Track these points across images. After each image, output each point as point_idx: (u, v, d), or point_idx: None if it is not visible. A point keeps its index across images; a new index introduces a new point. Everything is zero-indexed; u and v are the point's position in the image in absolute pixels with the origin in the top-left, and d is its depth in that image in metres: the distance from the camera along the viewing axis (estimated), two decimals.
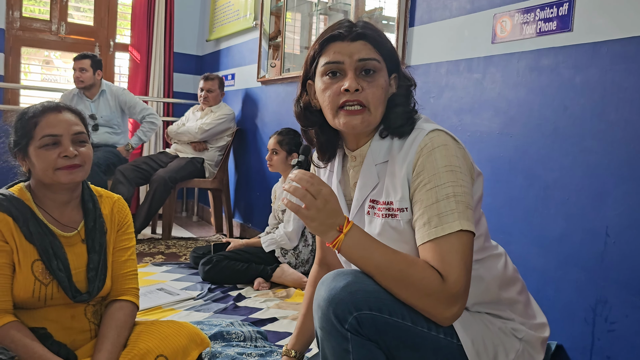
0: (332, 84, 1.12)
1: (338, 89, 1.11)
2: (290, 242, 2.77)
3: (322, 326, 1.02)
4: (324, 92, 1.14)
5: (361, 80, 1.11)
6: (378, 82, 1.12)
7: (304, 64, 1.21)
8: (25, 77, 4.34)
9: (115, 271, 1.40)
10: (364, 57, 1.11)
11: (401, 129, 1.13)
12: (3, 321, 1.20)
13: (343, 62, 1.11)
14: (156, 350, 1.29)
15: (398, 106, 1.15)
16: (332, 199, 1.02)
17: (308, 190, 1.01)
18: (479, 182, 1.15)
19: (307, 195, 1.00)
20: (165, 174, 3.55)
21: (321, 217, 1.01)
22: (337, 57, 1.11)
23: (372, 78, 1.11)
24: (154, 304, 2.29)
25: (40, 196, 1.33)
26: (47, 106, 1.32)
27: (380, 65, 1.13)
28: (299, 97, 1.24)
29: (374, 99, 1.11)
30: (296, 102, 1.25)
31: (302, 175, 1.02)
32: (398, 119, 1.13)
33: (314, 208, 1.00)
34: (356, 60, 1.11)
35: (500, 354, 1.11)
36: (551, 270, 1.70)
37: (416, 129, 1.12)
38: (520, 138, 1.81)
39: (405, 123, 1.13)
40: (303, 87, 1.23)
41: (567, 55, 1.66)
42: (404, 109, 1.15)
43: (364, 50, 1.11)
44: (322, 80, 1.14)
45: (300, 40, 3.40)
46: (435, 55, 2.17)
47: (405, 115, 1.14)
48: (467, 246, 1.02)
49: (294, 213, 1.02)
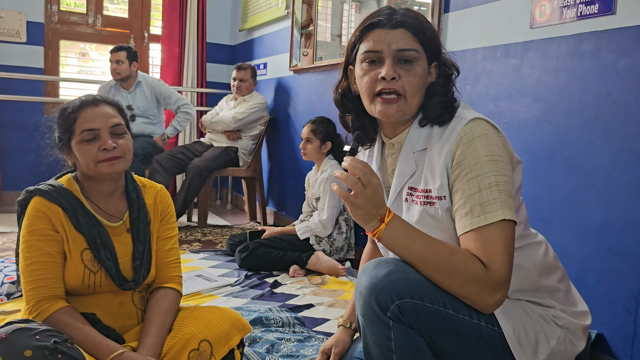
0: (369, 71, 1.13)
1: (375, 76, 1.12)
2: (325, 230, 2.80)
3: (364, 314, 1.04)
4: (362, 79, 1.15)
5: (398, 68, 1.11)
6: (415, 71, 1.11)
7: (345, 50, 1.22)
8: (62, 69, 4.46)
9: (159, 259, 1.44)
10: (402, 47, 1.11)
11: (441, 118, 1.13)
12: (57, 306, 1.25)
13: (381, 51, 1.12)
14: (200, 335, 1.32)
15: (435, 96, 1.15)
16: (380, 189, 1.03)
17: (360, 179, 1.02)
18: (519, 170, 1.14)
19: (358, 184, 1.01)
20: (200, 163, 3.61)
21: (367, 207, 1.02)
22: (376, 46, 1.12)
23: (410, 67, 1.11)
24: (194, 290, 2.35)
25: (86, 187, 1.38)
26: (84, 101, 1.35)
27: (418, 55, 1.12)
28: (338, 84, 1.26)
29: (411, 87, 1.11)
30: (335, 88, 1.26)
31: (356, 163, 1.03)
32: (436, 109, 1.13)
33: (362, 197, 1.01)
34: (394, 50, 1.11)
35: (541, 341, 1.11)
36: (592, 259, 1.67)
37: (456, 118, 1.12)
38: (560, 125, 1.78)
39: (444, 112, 1.13)
40: (344, 72, 1.25)
41: (609, 39, 1.62)
42: (442, 98, 1.14)
43: (402, 40, 1.11)
44: (361, 66, 1.15)
45: (332, 28, 3.40)
46: (471, 41, 2.14)
47: (442, 104, 1.14)
48: (510, 235, 1.02)
49: (343, 199, 1.03)
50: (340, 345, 1.38)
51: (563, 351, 1.14)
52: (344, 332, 1.42)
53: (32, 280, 1.25)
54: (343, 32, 3.27)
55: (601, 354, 1.63)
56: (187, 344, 1.30)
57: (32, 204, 1.30)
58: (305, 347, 1.75)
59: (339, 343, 1.39)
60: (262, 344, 1.74)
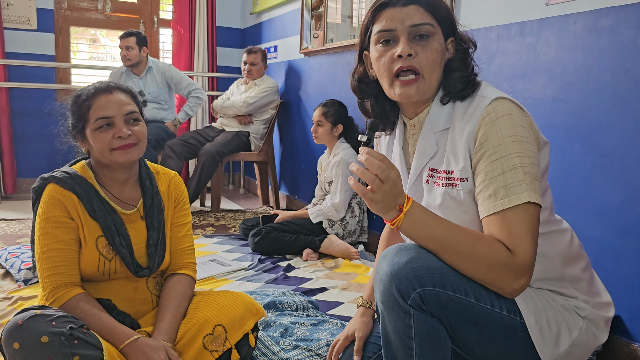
0: (385, 52, 1.11)
1: (392, 55, 1.10)
2: (338, 214, 2.79)
3: (384, 300, 1.02)
4: (379, 60, 1.13)
5: (414, 45, 1.08)
6: (432, 46, 1.09)
7: (359, 35, 1.20)
8: (74, 56, 4.46)
9: (173, 246, 1.45)
10: (417, 22, 1.08)
11: (463, 92, 1.10)
12: (73, 293, 1.26)
13: (395, 29, 1.09)
14: (214, 320, 1.33)
15: (455, 71, 1.12)
16: (398, 181, 1.00)
17: (378, 175, 0.98)
18: (545, 152, 1.11)
19: (375, 180, 0.98)
20: (212, 147, 3.61)
21: (386, 200, 0.99)
22: (389, 25, 1.10)
23: (426, 42, 1.09)
24: (208, 275, 2.36)
25: (100, 174, 1.38)
26: (98, 87, 1.35)
27: (434, 29, 1.09)
28: (354, 70, 1.23)
29: (428, 63, 1.09)
30: (352, 74, 1.24)
31: (373, 159, 0.99)
32: (457, 84, 1.10)
33: (380, 192, 0.99)
34: (408, 26, 1.08)
35: (563, 332, 1.08)
36: (609, 241, 1.65)
37: (478, 96, 1.09)
38: (576, 104, 1.74)
39: (466, 86, 1.10)
40: (360, 58, 1.22)
41: (629, 15, 1.57)
42: (462, 73, 1.11)
43: (416, 15, 1.08)
44: (376, 48, 1.13)
45: (342, 10, 3.35)
46: (484, 19, 2.09)
47: (463, 79, 1.11)
48: (535, 218, 0.99)
49: (360, 194, 1.00)
50: (363, 328, 1.33)
51: (585, 342, 1.12)
52: (365, 313, 1.37)
53: (48, 267, 1.27)
54: (354, 12, 3.22)
55: (618, 336, 1.62)
56: (202, 329, 1.31)
57: (47, 191, 1.31)
58: (319, 330, 1.75)
59: (362, 326, 1.33)
60: (276, 327, 1.75)
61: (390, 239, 1.44)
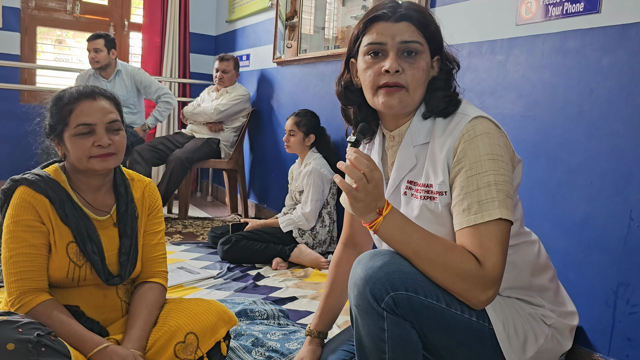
0: (373, 64, 1.13)
1: (379, 69, 1.12)
2: (308, 223, 2.80)
3: (359, 304, 1.04)
4: (365, 72, 1.15)
5: (402, 62, 1.11)
6: (419, 64, 1.12)
7: (348, 43, 1.22)
8: (39, 56, 4.35)
9: (145, 254, 1.43)
10: (407, 39, 1.11)
11: (445, 111, 1.14)
12: (40, 299, 1.23)
13: (385, 43, 1.11)
14: (186, 328, 1.31)
15: (438, 90, 1.15)
16: (381, 183, 1.03)
17: (365, 174, 1.01)
18: (519, 169, 1.15)
19: (363, 179, 1.00)
20: (182, 154, 3.57)
21: (368, 200, 1.02)
22: (380, 38, 1.12)
23: (414, 60, 1.11)
24: (176, 282, 2.33)
25: (74, 179, 1.35)
26: (82, 92, 1.32)
27: (422, 48, 1.12)
28: (340, 76, 1.25)
29: (414, 81, 1.12)
30: (337, 80, 1.26)
31: (362, 158, 1.02)
32: (440, 103, 1.14)
33: (364, 191, 1.01)
34: (399, 42, 1.11)
35: (529, 339, 1.13)
36: (573, 253, 1.71)
37: (459, 114, 1.12)
38: (544, 121, 1.80)
39: (449, 105, 1.14)
40: (346, 65, 1.24)
41: (594, 38, 1.64)
42: (445, 92, 1.15)
43: (407, 32, 1.11)
44: (364, 59, 1.15)
45: (316, 21, 3.38)
46: (457, 36, 2.15)
47: (446, 98, 1.14)
48: (505, 234, 1.03)
49: (344, 191, 1.02)
50: (310, 356, 1.40)
51: (550, 349, 1.16)
52: (312, 342, 1.44)
53: (16, 272, 1.23)
54: (327, 24, 3.26)
55: (580, 346, 1.67)
56: (173, 337, 1.29)
57: (18, 194, 1.27)
58: (290, 340, 1.75)
59: (309, 354, 1.41)
60: (247, 337, 1.73)
61: (342, 264, 1.46)
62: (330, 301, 1.45)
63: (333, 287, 1.45)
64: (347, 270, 1.41)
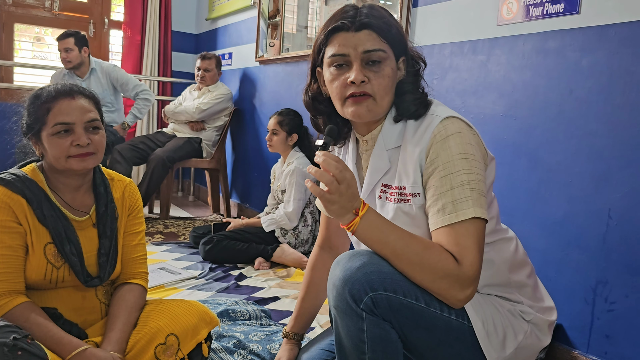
0: (339, 75, 1.12)
1: (345, 80, 1.11)
2: (290, 223, 2.79)
3: (337, 305, 1.04)
4: (332, 83, 1.14)
5: (367, 71, 1.10)
6: (384, 72, 1.11)
7: (311, 53, 1.21)
8: (16, 54, 4.27)
9: (125, 255, 1.40)
10: (369, 48, 1.09)
11: (416, 113, 1.13)
12: (17, 302, 1.20)
13: (348, 55, 1.10)
14: (167, 329, 1.29)
15: (407, 93, 1.15)
16: (353, 182, 1.03)
17: (335, 176, 0.99)
18: (492, 167, 1.16)
19: (333, 182, 0.99)
20: (163, 153, 3.53)
21: (342, 201, 1.01)
22: (342, 50, 1.11)
23: (379, 68, 1.11)
24: (157, 283, 2.30)
25: (52, 179, 1.32)
26: (60, 90, 1.28)
27: (386, 55, 1.11)
28: (307, 87, 1.24)
29: (380, 89, 1.11)
30: (305, 91, 1.25)
31: (329, 159, 1.00)
32: (410, 106, 1.14)
33: (337, 193, 1.00)
34: (361, 52, 1.10)
35: (509, 335, 1.13)
36: (553, 252, 1.73)
37: (430, 115, 1.12)
38: (524, 120, 1.82)
39: (419, 107, 1.14)
40: (312, 74, 1.23)
41: (573, 38, 1.66)
42: (414, 95, 1.15)
43: (368, 42, 1.10)
44: (330, 71, 1.14)
45: (298, 20, 3.37)
46: (439, 36, 2.16)
47: (416, 101, 1.14)
48: (480, 232, 1.03)
49: (317, 196, 1.01)
50: (287, 354, 1.42)
51: (529, 345, 1.18)
52: (288, 342, 1.45)
53: None
54: (310, 23, 3.26)
55: (559, 343, 1.69)
56: (154, 339, 1.27)
57: None
58: (272, 341, 1.74)
59: (286, 353, 1.42)
60: (229, 338, 1.72)
61: (318, 267, 1.46)
62: (306, 304, 1.45)
63: (309, 290, 1.45)
64: (323, 273, 1.42)
